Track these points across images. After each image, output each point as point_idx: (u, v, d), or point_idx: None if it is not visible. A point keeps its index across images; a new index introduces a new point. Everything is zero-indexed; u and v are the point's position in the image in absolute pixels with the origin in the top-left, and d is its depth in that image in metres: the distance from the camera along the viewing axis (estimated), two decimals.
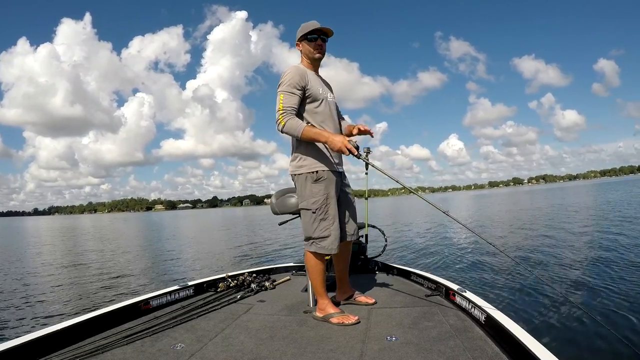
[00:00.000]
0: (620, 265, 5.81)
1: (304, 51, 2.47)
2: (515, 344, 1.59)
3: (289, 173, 2.48)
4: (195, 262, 9.96)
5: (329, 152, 2.40)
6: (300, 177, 2.37)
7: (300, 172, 2.36)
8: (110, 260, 10.63)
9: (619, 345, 3.01)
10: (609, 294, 4.42)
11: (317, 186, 2.33)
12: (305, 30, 2.42)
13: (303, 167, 2.36)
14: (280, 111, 2.26)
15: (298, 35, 2.46)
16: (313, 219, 2.33)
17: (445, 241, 10.52)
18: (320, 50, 2.45)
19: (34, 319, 4.99)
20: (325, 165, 2.37)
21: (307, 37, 2.43)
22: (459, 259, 7.70)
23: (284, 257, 9.64)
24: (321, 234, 2.32)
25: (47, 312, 5.28)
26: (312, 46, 2.44)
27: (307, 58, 2.48)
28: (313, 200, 2.32)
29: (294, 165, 2.41)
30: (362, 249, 3.48)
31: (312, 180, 2.33)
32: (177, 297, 2.77)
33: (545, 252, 7.60)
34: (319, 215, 2.32)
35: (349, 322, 2.21)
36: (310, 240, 2.36)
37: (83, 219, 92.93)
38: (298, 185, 2.40)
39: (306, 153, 2.37)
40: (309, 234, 2.35)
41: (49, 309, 5.44)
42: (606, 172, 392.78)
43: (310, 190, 2.34)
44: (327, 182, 2.35)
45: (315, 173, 2.33)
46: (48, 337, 1.89)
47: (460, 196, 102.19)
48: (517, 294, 4.73)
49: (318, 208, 2.32)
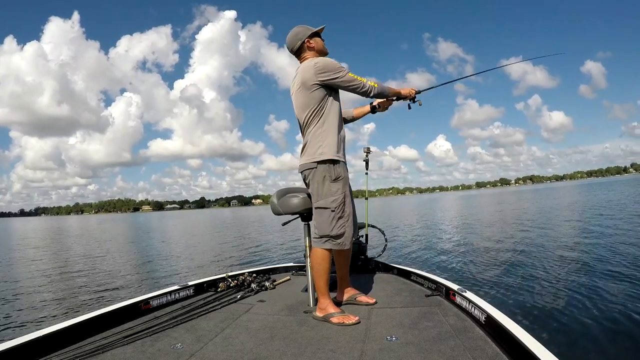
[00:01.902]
0: (620, 264, 5.84)
1: (317, 47, 2.55)
2: (515, 344, 1.59)
3: (300, 170, 2.48)
4: (191, 262, 9.92)
5: (344, 145, 2.48)
6: (317, 173, 2.37)
7: (322, 158, 2.36)
8: (105, 262, 10.45)
9: (619, 345, 3.04)
10: (609, 294, 4.44)
11: (335, 185, 2.36)
12: (314, 29, 2.54)
13: (324, 155, 2.36)
14: (363, 79, 2.42)
15: (308, 33, 2.52)
16: (331, 218, 2.35)
17: (445, 241, 10.61)
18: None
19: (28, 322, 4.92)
20: (343, 156, 2.44)
21: (319, 35, 2.56)
22: (458, 258, 7.73)
23: (284, 257, 9.62)
24: (339, 231, 2.36)
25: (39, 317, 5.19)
26: (323, 42, 2.58)
27: (319, 54, 2.55)
28: (332, 199, 2.35)
29: (313, 154, 2.40)
30: (362, 249, 3.49)
31: (330, 180, 2.36)
32: (177, 297, 2.76)
33: (545, 251, 7.63)
34: (337, 213, 2.35)
35: (349, 322, 2.22)
36: (325, 238, 2.38)
37: (70, 220, 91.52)
38: (314, 183, 2.39)
39: (328, 141, 2.39)
40: (325, 232, 2.37)
41: (40, 314, 5.35)
42: (592, 173, 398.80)
43: (328, 189, 2.36)
44: (344, 181, 2.40)
45: (335, 165, 2.37)
46: (48, 337, 1.88)
47: (448, 197, 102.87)
48: (518, 294, 4.75)
49: (337, 207, 2.35)
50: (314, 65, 2.38)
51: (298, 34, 2.53)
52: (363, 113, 2.97)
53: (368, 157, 3.56)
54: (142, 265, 9.64)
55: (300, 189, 2.64)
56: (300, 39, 2.52)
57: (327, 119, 2.41)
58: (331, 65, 2.38)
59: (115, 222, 52.71)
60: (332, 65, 2.38)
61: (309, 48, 2.53)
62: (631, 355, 2.93)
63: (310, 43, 2.53)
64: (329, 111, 2.42)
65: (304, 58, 2.55)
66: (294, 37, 2.54)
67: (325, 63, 2.39)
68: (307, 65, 2.42)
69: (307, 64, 2.43)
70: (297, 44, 2.53)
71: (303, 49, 2.54)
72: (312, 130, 2.41)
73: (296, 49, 2.55)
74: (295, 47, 2.55)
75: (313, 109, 2.40)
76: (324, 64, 2.38)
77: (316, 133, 2.40)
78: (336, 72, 2.37)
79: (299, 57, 2.58)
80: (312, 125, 2.41)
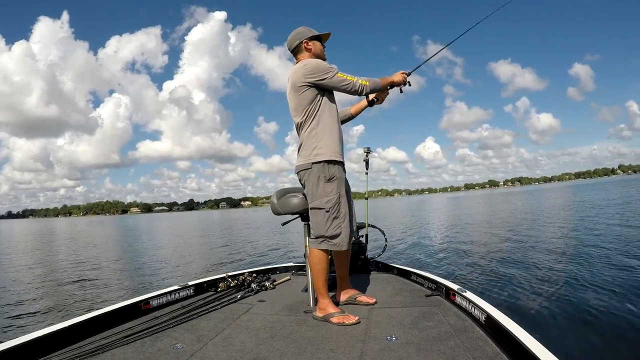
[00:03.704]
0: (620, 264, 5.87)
1: (314, 50, 2.54)
2: (515, 344, 1.60)
3: (296, 171, 2.49)
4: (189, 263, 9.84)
5: (341, 144, 2.49)
6: (312, 174, 2.38)
7: (317, 160, 2.37)
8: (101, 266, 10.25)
9: (619, 345, 3.06)
10: (609, 294, 4.46)
11: (329, 185, 2.37)
12: (316, 32, 2.55)
13: (319, 155, 2.37)
14: (354, 79, 2.40)
15: (308, 34, 2.53)
16: (326, 218, 2.36)
17: (443, 241, 10.65)
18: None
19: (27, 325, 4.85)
20: (340, 156, 2.44)
21: (320, 39, 2.57)
22: (458, 258, 7.74)
23: (284, 257, 9.60)
24: (333, 232, 2.36)
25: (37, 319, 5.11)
26: (323, 49, 2.60)
27: (315, 57, 2.53)
28: (326, 199, 2.36)
29: (308, 155, 2.41)
30: (362, 249, 3.49)
31: (324, 180, 2.36)
32: (177, 297, 2.76)
33: (544, 251, 7.66)
34: (332, 214, 2.36)
35: (349, 322, 2.22)
36: (321, 238, 2.39)
37: (59, 223, 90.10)
38: (309, 184, 2.41)
39: (323, 142, 2.40)
40: (320, 232, 2.38)
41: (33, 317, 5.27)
42: (580, 175, 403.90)
43: (323, 189, 2.37)
44: (338, 181, 2.40)
45: (329, 165, 2.38)
46: (48, 337, 1.88)
47: (438, 198, 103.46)
48: (518, 294, 4.76)
49: (331, 207, 2.36)
50: (303, 66, 2.39)
51: (299, 34, 2.54)
52: (361, 108, 2.94)
53: (368, 157, 3.57)
54: (138, 269, 9.45)
55: (299, 189, 2.65)
56: (300, 38, 2.53)
57: (322, 119, 2.41)
58: (320, 66, 2.39)
59: (104, 224, 52.08)
60: (321, 66, 2.39)
61: (306, 49, 2.54)
62: (631, 354, 2.95)
63: (308, 45, 2.53)
64: (322, 112, 2.43)
65: (299, 59, 2.56)
66: (294, 36, 2.55)
67: (315, 64, 2.39)
68: (297, 67, 2.44)
69: (297, 66, 2.45)
70: (295, 43, 2.55)
71: (300, 49, 2.55)
72: (306, 131, 2.42)
73: (293, 47, 2.56)
74: (292, 46, 2.56)
75: (306, 110, 2.41)
76: (313, 66, 2.38)
77: (311, 134, 2.41)
78: (324, 72, 2.37)
79: (296, 56, 2.59)
80: (307, 126, 2.42)
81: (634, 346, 3.03)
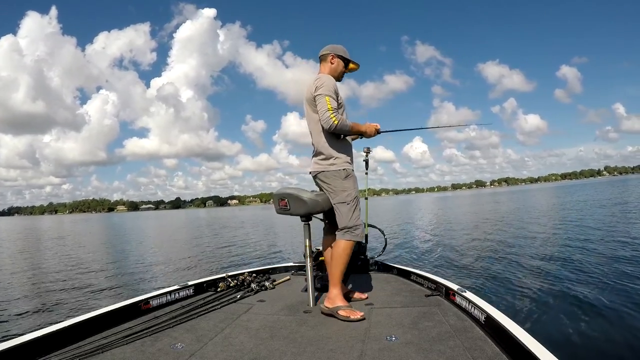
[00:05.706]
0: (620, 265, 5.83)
1: (335, 67, 2.73)
2: (515, 344, 1.61)
3: (311, 172, 2.69)
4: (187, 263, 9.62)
5: (351, 152, 2.71)
6: (329, 174, 2.58)
7: (333, 169, 2.59)
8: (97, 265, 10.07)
9: (619, 345, 3.09)
10: (609, 294, 4.46)
11: (347, 182, 2.59)
12: (347, 56, 2.74)
13: (335, 165, 2.59)
14: (330, 111, 2.49)
15: (339, 52, 2.72)
16: (349, 209, 2.54)
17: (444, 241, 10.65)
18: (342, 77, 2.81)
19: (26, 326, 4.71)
20: (351, 164, 2.67)
21: (345, 60, 2.74)
22: (458, 258, 7.75)
23: (284, 257, 9.56)
24: (355, 223, 2.54)
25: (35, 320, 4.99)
26: (343, 71, 2.77)
27: (333, 73, 2.72)
28: (346, 193, 2.56)
29: (324, 163, 2.61)
30: (362, 249, 3.49)
31: (342, 178, 2.57)
32: (177, 296, 2.76)
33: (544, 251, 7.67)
34: (352, 206, 2.55)
35: (355, 317, 2.28)
36: (345, 229, 2.53)
37: (45, 220, 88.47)
38: (328, 182, 2.59)
39: (339, 151, 2.61)
40: (345, 223, 2.53)
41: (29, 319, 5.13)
42: (567, 175, 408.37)
43: (342, 185, 2.57)
44: (354, 179, 2.64)
45: (344, 170, 2.59)
46: (48, 337, 1.87)
47: (425, 198, 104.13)
48: (517, 294, 4.77)
49: (352, 200, 2.56)
50: (316, 80, 2.59)
51: (334, 48, 2.73)
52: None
53: (368, 156, 3.59)
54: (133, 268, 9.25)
55: (299, 189, 2.65)
56: (331, 51, 2.72)
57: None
58: (326, 84, 2.54)
59: (90, 222, 51.29)
60: (326, 85, 2.54)
61: (330, 62, 2.72)
62: (630, 354, 2.98)
63: (333, 60, 2.71)
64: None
65: (320, 68, 2.77)
66: (328, 47, 2.74)
67: (324, 81, 2.56)
68: (313, 78, 2.64)
69: (314, 77, 2.65)
70: (324, 52, 2.73)
71: (325, 59, 2.73)
72: (320, 139, 2.61)
73: (320, 54, 2.75)
74: (321, 53, 2.75)
75: (317, 120, 2.58)
76: (323, 82, 2.55)
77: (325, 141, 2.60)
78: (320, 90, 2.52)
79: (320, 63, 2.78)
80: (319, 134, 2.61)
81: (634, 345, 3.06)
